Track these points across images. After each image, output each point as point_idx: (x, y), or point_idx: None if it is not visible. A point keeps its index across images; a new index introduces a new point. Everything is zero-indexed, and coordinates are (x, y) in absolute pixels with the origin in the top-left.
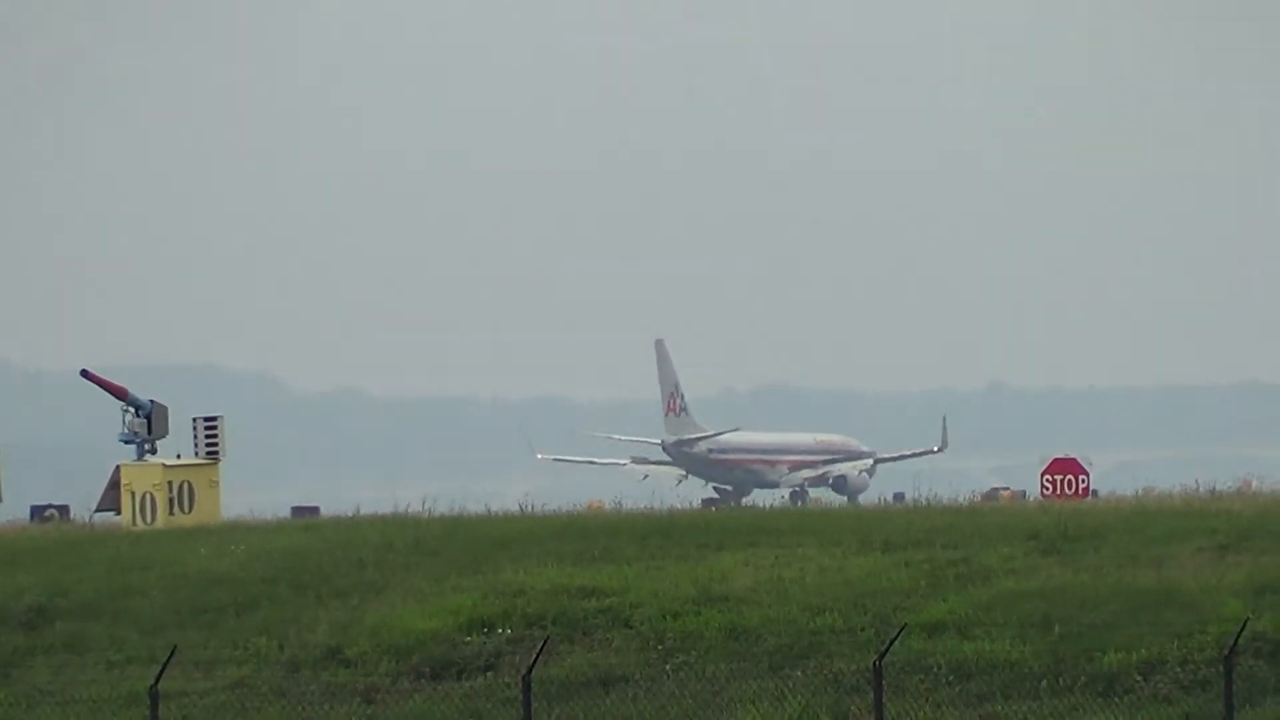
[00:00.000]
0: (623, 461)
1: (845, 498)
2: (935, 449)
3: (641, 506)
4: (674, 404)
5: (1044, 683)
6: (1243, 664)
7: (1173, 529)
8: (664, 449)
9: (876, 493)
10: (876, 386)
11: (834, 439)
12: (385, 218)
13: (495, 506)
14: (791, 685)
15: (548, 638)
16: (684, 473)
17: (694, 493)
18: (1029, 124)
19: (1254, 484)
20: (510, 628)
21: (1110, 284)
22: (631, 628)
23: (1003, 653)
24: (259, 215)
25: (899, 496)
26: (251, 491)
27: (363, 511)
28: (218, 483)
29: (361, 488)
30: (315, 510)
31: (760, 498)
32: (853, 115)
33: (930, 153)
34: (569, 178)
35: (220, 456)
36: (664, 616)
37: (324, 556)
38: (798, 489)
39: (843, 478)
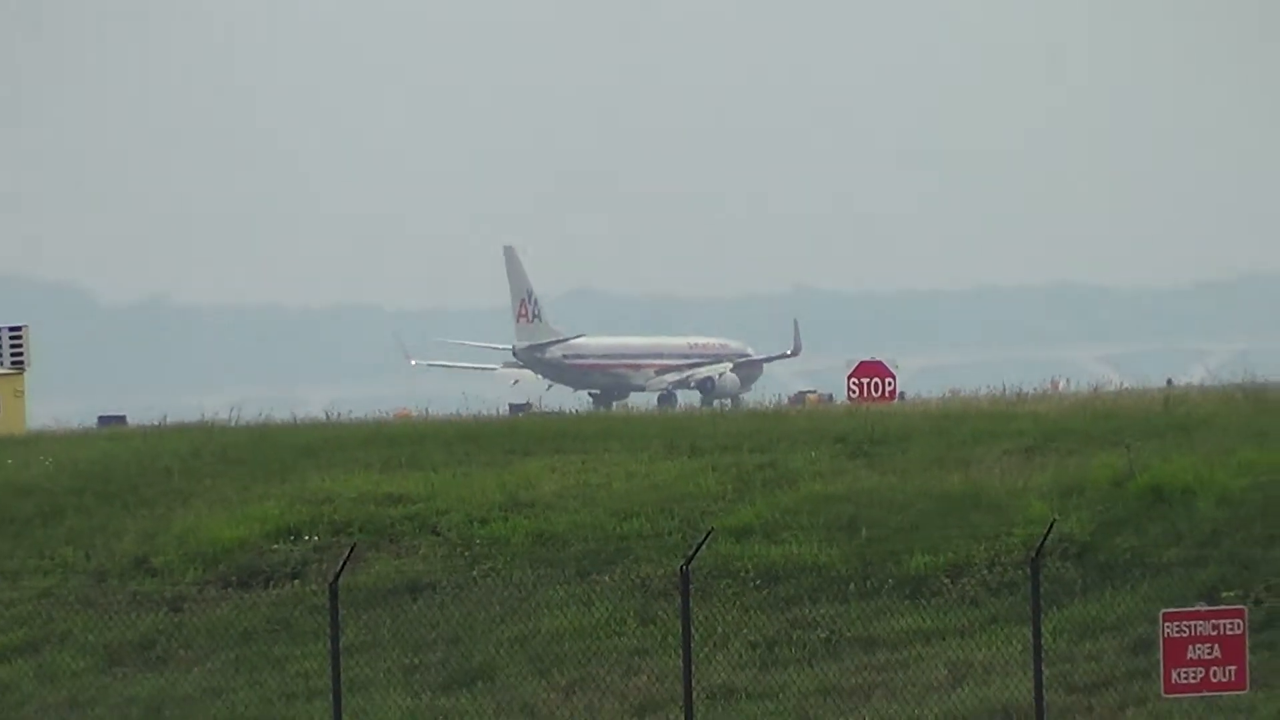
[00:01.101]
0: (493, 367)
1: (717, 401)
2: (789, 352)
3: (449, 413)
4: (525, 310)
5: (851, 586)
6: (1049, 566)
7: (979, 431)
8: (515, 354)
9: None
10: (691, 291)
11: (709, 342)
12: (196, 129)
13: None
14: (599, 590)
15: (354, 545)
16: (541, 377)
17: (566, 399)
18: (812, 28)
19: (1061, 385)
20: (317, 535)
21: (922, 190)
22: (438, 534)
23: (810, 556)
24: (65, 128)
25: (706, 400)
26: (61, 402)
27: (169, 420)
28: (23, 392)
29: (178, 396)
30: (122, 419)
31: (637, 401)
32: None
33: (740, 67)
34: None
35: (25, 366)
36: (471, 523)
37: (130, 466)
38: (665, 392)
39: (710, 380)
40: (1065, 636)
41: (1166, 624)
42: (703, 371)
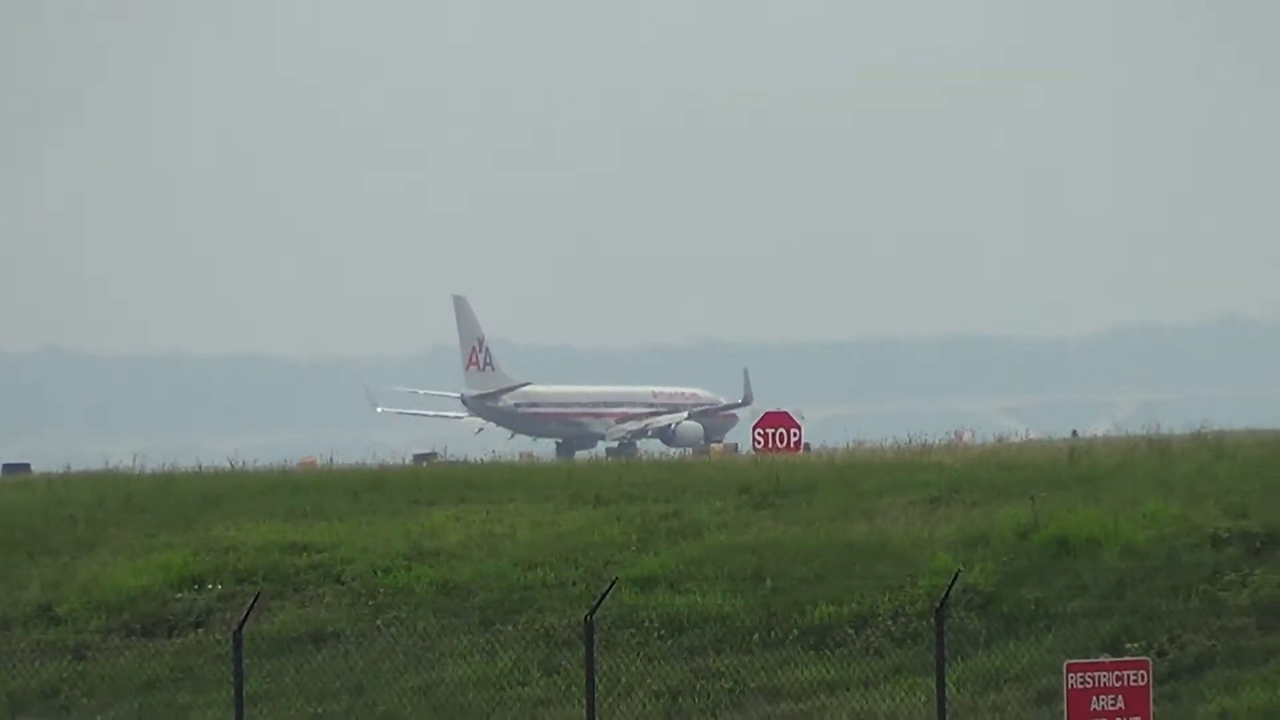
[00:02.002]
0: (460, 415)
1: (676, 449)
2: (740, 401)
3: (354, 462)
4: (475, 358)
5: (756, 636)
6: (954, 616)
7: (884, 482)
8: (464, 403)
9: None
10: (588, 342)
11: (675, 391)
12: (98, 173)
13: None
14: (503, 640)
15: (259, 593)
16: (497, 426)
17: (528, 446)
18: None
19: (966, 436)
20: (221, 584)
21: (818, 239)
22: (343, 583)
23: (714, 606)
24: None
25: (613, 450)
26: None
27: (74, 469)
28: None
29: (81, 444)
30: (26, 467)
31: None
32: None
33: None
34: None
35: None
36: (375, 572)
37: (35, 514)
38: (624, 440)
39: (670, 430)
40: (969, 687)
41: (1071, 675)
42: (661, 420)
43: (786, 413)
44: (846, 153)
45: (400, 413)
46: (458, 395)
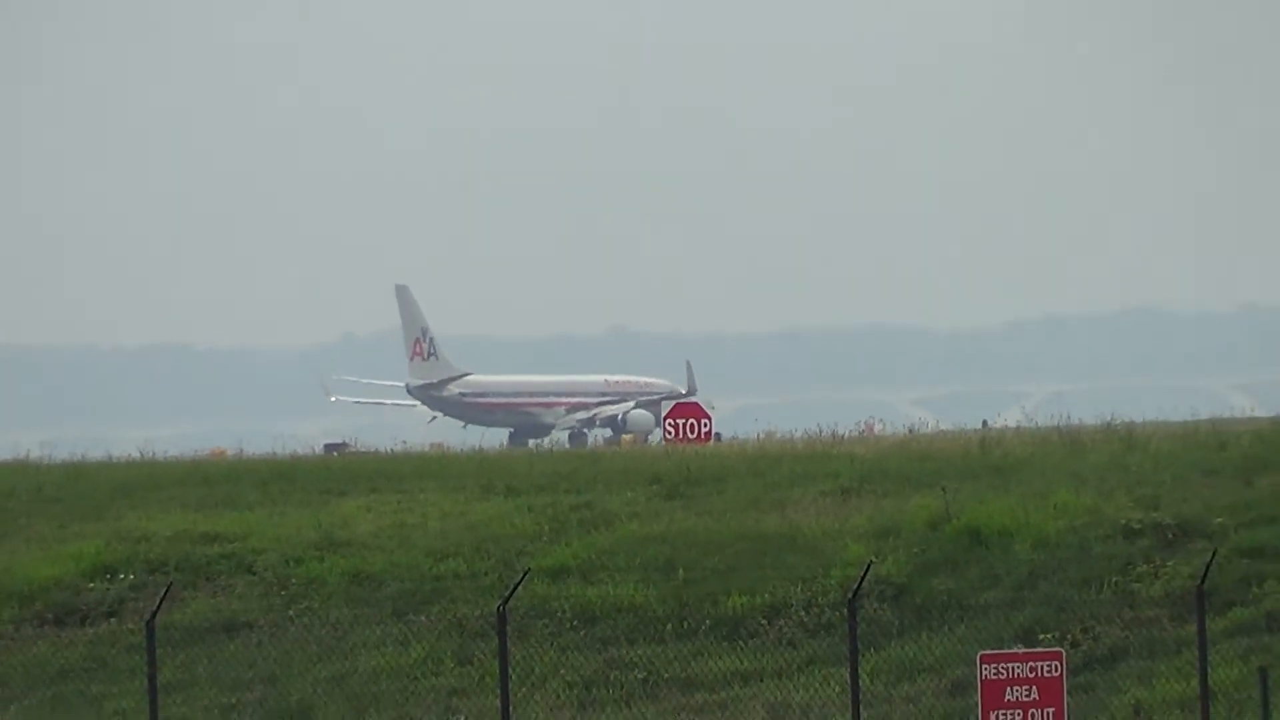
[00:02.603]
0: (413, 403)
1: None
2: (683, 391)
3: (264, 453)
4: (420, 348)
5: (669, 626)
6: (866, 607)
7: (795, 473)
8: (409, 392)
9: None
10: (503, 332)
11: (629, 380)
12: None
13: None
14: (415, 630)
15: (171, 584)
16: (444, 415)
17: (480, 435)
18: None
19: (876, 427)
20: (133, 574)
21: (731, 230)
22: (255, 573)
23: (626, 597)
24: None
25: (519, 440)
26: None
27: None
28: None
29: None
30: None
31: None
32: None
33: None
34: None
35: None
36: (287, 562)
37: None
38: (575, 430)
39: (619, 419)
40: (883, 678)
41: (984, 666)
42: (608, 410)
43: (697, 403)
44: (757, 147)
45: (357, 401)
46: (402, 385)
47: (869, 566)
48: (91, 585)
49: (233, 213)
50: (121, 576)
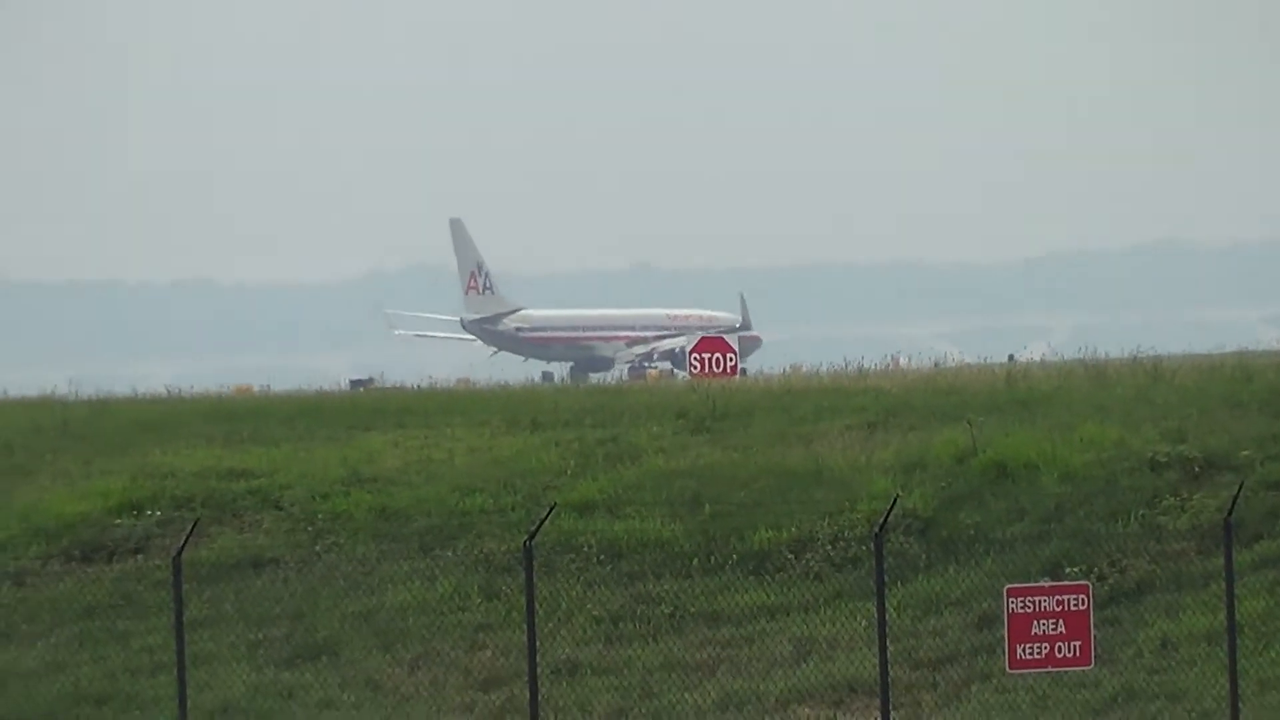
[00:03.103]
0: (472, 338)
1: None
2: (737, 325)
3: (290, 388)
4: (475, 282)
5: (695, 561)
6: (893, 541)
7: (821, 407)
8: (463, 326)
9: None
10: (532, 269)
11: (691, 314)
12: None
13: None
14: (442, 566)
15: (197, 519)
16: (499, 350)
17: (537, 369)
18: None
19: (903, 361)
20: (160, 510)
21: (751, 167)
22: (281, 509)
23: (653, 532)
24: None
25: (547, 376)
26: None
27: (9, 395)
28: None
29: (15, 371)
30: None
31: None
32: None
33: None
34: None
35: None
36: (313, 498)
37: None
38: (634, 364)
39: (677, 352)
40: (909, 612)
41: (1011, 600)
42: (665, 345)
43: (723, 338)
44: (774, 82)
45: (419, 335)
46: (456, 319)
47: (895, 500)
48: (118, 522)
49: (254, 144)
50: (148, 513)
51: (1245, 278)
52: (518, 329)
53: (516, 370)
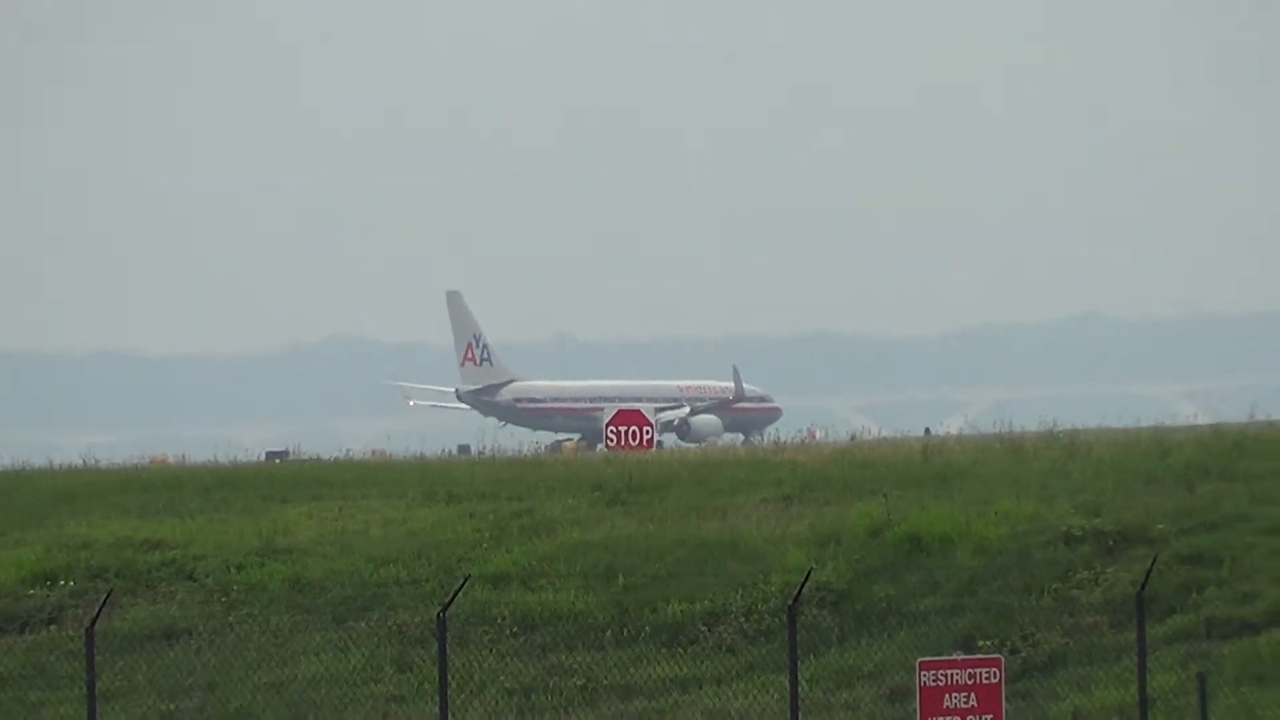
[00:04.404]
0: (466, 408)
1: (693, 444)
2: (729, 398)
3: (208, 460)
4: (472, 353)
5: (608, 633)
6: (806, 614)
7: (737, 480)
8: (459, 397)
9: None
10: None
11: (705, 385)
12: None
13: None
14: (355, 637)
15: (111, 590)
16: (499, 421)
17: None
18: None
19: (818, 434)
20: (74, 581)
21: (676, 236)
22: (195, 580)
23: (567, 603)
24: None
25: (464, 448)
26: None
27: None
28: None
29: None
30: None
31: None
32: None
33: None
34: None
35: None
36: (227, 569)
37: None
38: None
39: (686, 424)
40: (822, 685)
41: (923, 672)
42: (665, 416)
43: (639, 410)
44: (703, 154)
45: (435, 405)
46: (452, 390)
47: (809, 573)
48: (31, 592)
49: (181, 217)
50: (62, 583)
51: (1163, 353)
52: (515, 400)
53: (435, 441)
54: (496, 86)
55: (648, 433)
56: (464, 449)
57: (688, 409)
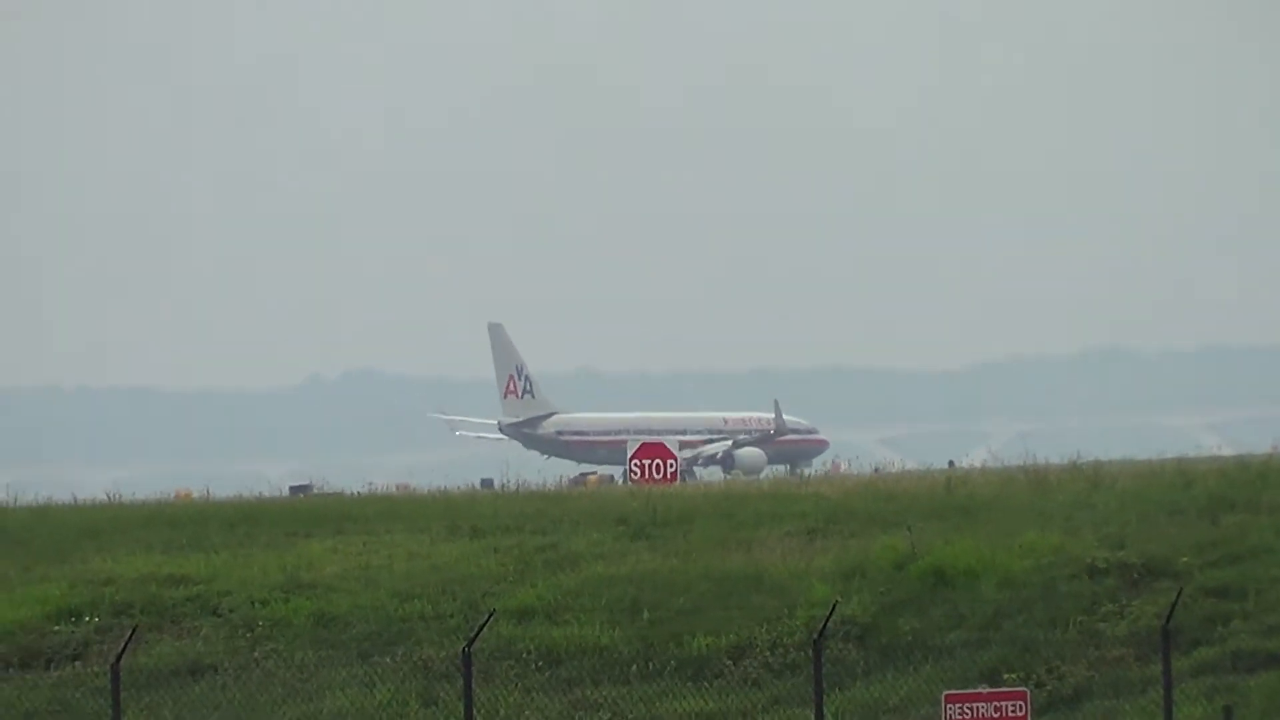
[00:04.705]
0: (504, 439)
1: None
2: (771, 431)
3: (230, 495)
4: (514, 385)
5: (633, 667)
6: (831, 647)
7: (761, 513)
8: (500, 430)
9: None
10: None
11: (748, 416)
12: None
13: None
14: (380, 672)
15: (136, 626)
16: (542, 453)
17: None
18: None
19: (843, 466)
20: (99, 617)
21: (702, 273)
22: (220, 615)
23: (591, 638)
24: None
25: (487, 483)
26: None
27: None
28: None
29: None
30: None
31: None
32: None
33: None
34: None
35: None
36: (252, 604)
37: None
38: (682, 467)
39: (730, 456)
40: (848, 718)
41: (949, 706)
42: (709, 449)
43: (663, 443)
44: (716, 171)
45: (480, 437)
46: (494, 422)
47: (834, 607)
48: (56, 628)
49: (194, 252)
50: (87, 619)
51: (1185, 385)
52: (558, 432)
53: (458, 476)
54: (503, 111)
55: (671, 466)
56: (487, 483)
57: (730, 441)
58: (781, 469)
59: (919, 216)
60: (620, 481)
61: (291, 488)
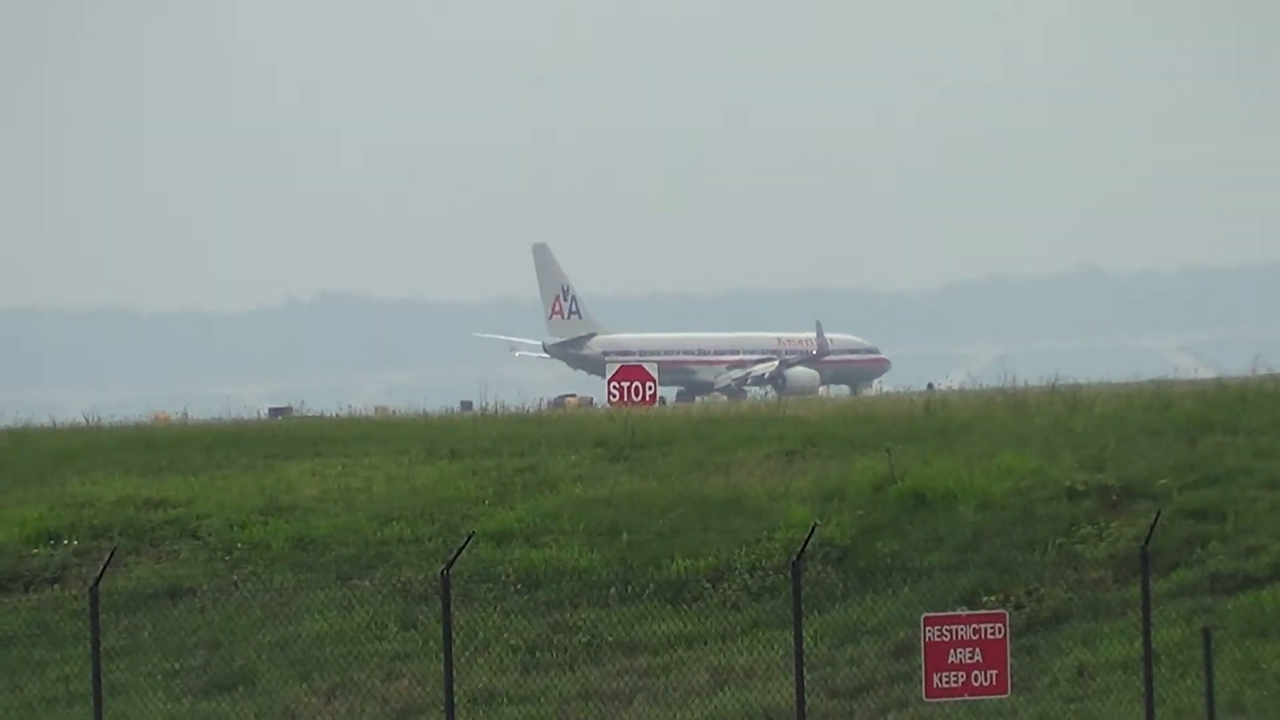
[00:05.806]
0: (550, 359)
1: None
2: (813, 352)
3: (208, 417)
4: (559, 306)
5: (612, 590)
6: (810, 570)
7: (740, 436)
8: (545, 350)
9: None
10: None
11: (804, 336)
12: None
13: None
14: (359, 595)
15: (114, 549)
16: (589, 374)
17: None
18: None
19: (821, 390)
20: (77, 539)
21: (689, 193)
22: (199, 538)
23: (571, 560)
24: None
25: (466, 405)
26: None
27: None
28: None
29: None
30: None
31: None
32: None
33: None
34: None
35: None
36: (231, 527)
37: None
38: (732, 388)
39: (782, 376)
40: (827, 641)
41: (928, 628)
42: (758, 369)
43: (641, 366)
44: (711, 104)
45: (540, 357)
46: (538, 343)
47: (813, 529)
48: (35, 551)
49: (176, 170)
50: (65, 542)
51: (1161, 307)
52: (604, 353)
53: (437, 398)
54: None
55: (650, 388)
56: (466, 405)
57: (777, 361)
58: (843, 389)
59: (894, 134)
60: (600, 405)
61: (270, 409)
